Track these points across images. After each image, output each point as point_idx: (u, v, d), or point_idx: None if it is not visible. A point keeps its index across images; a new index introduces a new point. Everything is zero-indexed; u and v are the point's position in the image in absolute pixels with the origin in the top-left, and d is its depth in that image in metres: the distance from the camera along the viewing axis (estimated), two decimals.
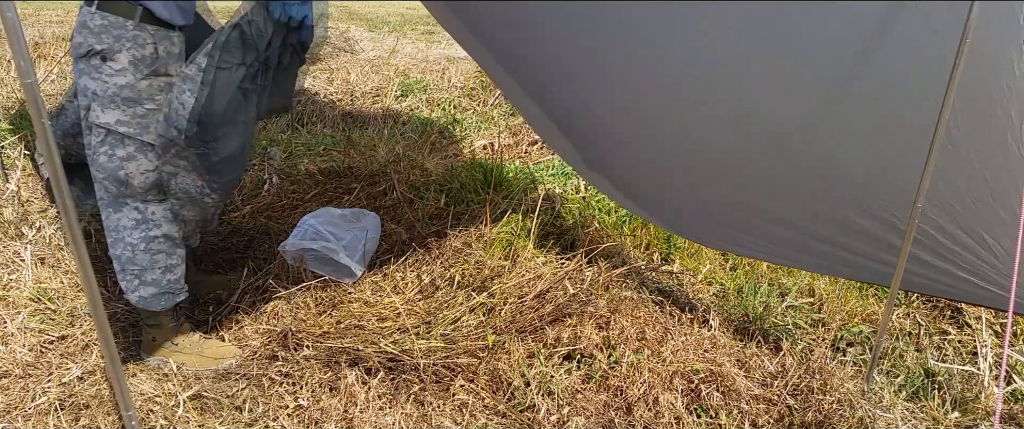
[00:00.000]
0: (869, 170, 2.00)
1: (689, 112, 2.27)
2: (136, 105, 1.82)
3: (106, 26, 1.78)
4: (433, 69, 6.44)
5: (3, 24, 1.09)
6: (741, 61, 2.00)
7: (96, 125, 1.83)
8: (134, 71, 1.80)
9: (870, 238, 2.14)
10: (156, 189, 1.91)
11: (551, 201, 3.39)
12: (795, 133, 2.07)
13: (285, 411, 1.85)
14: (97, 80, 1.80)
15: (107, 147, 1.84)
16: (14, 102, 4.31)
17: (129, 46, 1.79)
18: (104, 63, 1.79)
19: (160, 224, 1.95)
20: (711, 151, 2.32)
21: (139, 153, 1.85)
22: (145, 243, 1.93)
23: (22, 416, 1.78)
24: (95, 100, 1.81)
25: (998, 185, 1.82)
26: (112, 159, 1.84)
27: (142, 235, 1.92)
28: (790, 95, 1.99)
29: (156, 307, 1.98)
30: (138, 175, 1.87)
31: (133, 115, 1.82)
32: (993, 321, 2.53)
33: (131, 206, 1.91)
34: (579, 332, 2.19)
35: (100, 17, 1.78)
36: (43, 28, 7.60)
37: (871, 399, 1.99)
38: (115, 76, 1.79)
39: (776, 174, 2.21)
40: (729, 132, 2.21)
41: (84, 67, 1.81)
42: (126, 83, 1.80)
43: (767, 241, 2.41)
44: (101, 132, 1.83)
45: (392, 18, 10.94)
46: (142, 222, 1.92)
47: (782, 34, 1.87)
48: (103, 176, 1.87)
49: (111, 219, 1.92)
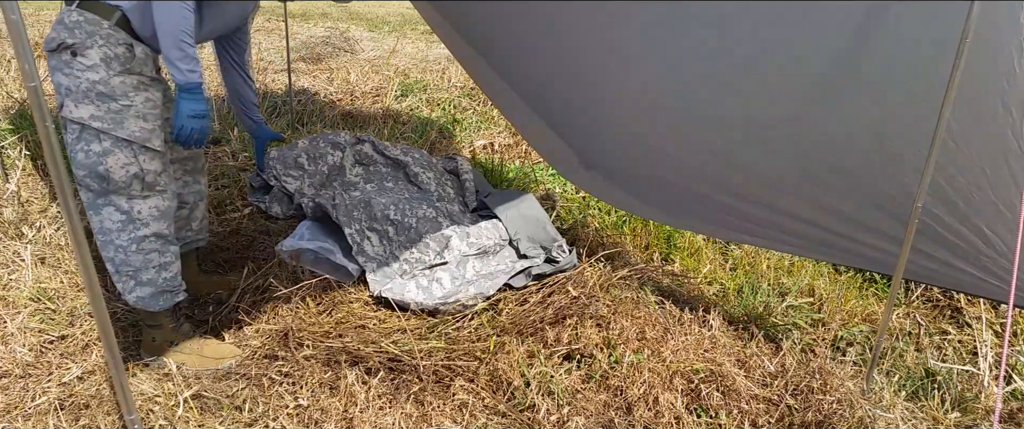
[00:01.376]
0: (870, 165, 2.01)
1: (690, 107, 2.28)
2: (110, 101, 1.81)
3: (80, 22, 1.78)
4: (433, 69, 6.44)
5: (7, 25, 1.09)
6: (744, 57, 2.01)
7: (70, 120, 1.82)
8: (106, 68, 1.80)
9: (871, 228, 2.15)
10: (139, 182, 1.89)
11: (551, 201, 3.39)
12: (798, 127, 2.08)
13: (285, 411, 1.85)
14: (68, 75, 1.80)
15: (83, 143, 1.83)
16: (14, 102, 4.31)
17: (102, 43, 1.79)
18: (74, 58, 1.78)
19: (147, 223, 1.93)
20: (713, 145, 2.33)
21: (116, 148, 1.84)
22: (136, 244, 1.91)
23: (22, 416, 1.78)
24: (68, 95, 1.80)
25: (998, 180, 1.83)
26: (89, 155, 1.83)
27: (130, 236, 1.91)
28: (794, 91, 1.99)
29: (155, 307, 1.98)
30: (118, 169, 1.85)
31: (107, 111, 1.81)
32: (993, 321, 2.53)
33: (113, 206, 1.89)
34: (579, 332, 2.19)
35: (77, 14, 1.79)
36: (43, 28, 7.60)
37: (871, 399, 1.99)
38: (86, 71, 1.79)
39: (778, 166, 2.22)
40: (731, 126, 2.21)
41: (55, 63, 1.81)
42: (99, 79, 1.79)
43: (767, 228, 2.41)
44: (76, 128, 1.82)
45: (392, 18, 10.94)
46: (128, 222, 1.90)
47: (785, 31, 1.88)
48: (83, 173, 1.85)
49: (95, 221, 1.90)
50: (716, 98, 2.16)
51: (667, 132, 2.43)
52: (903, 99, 1.82)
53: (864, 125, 1.93)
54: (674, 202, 2.71)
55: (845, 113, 1.94)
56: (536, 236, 2.69)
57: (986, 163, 1.82)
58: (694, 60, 2.12)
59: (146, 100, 1.87)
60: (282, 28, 8.10)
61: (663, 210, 2.83)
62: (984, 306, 2.55)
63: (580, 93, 2.56)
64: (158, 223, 1.95)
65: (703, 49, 2.07)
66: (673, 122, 2.38)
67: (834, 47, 1.82)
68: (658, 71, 2.24)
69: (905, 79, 1.78)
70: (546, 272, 2.56)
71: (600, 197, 3.15)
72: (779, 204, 2.29)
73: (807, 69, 1.91)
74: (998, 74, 1.64)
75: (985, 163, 1.82)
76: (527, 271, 2.54)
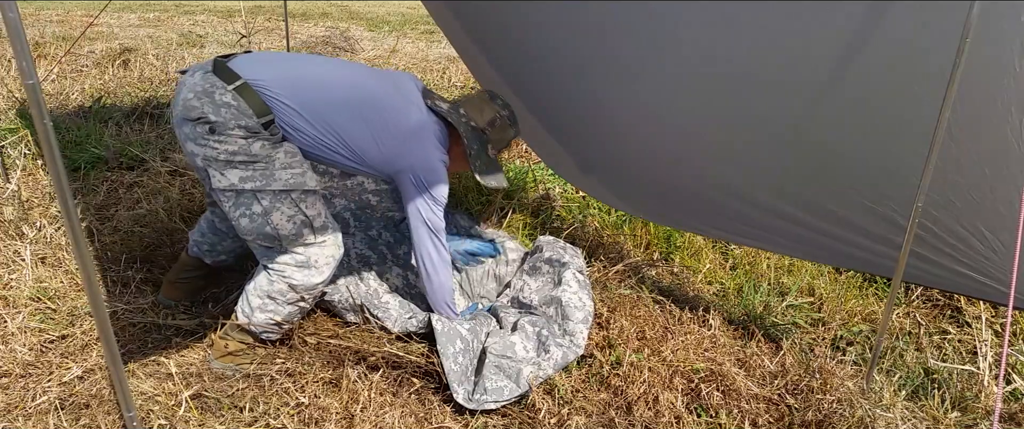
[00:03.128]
0: (869, 166, 2.01)
1: (689, 109, 2.28)
2: (254, 163, 1.79)
3: (231, 107, 1.75)
4: (433, 69, 6.44)
5: (5, 24, 1.09)
6: (742, 60, 2.00)
7: (221, 190, 1.78)
8: (245, 142, 1.78)
9: (870, 233, 2.15)
10: (309, 229, 1.87)
11: (551, 200, 3.39)
12: (797, 129, 2.08)
13: (286, 409, 1.85)
14: (204, 147, 1.76)
15: (243, 208, 1.80)
16: (14, 102, 4.31)
17: (244, 133, 1.77)
18: (212, 135, 1.75)
19: (322, 270, 1.91)
20: (711, 148, 2.33)
21: (277, 203, 1.81)
22: (304, 291, 1.92)
23: (22, 415, 1.78)
24: (210, 165, 1.77)
25: (997, 181, 1.83)
26: (253, 218, 1.81)
27: (305, 283, 1.90)
28: (792, 92, 1.99)
29: (257, 331, 1.98)
30: (284, 223, 1.83)
31: (254, 170, 1.78)
32: (993, 320, 2.53)
33: (290, 255, 1.88)
34: None
35: (231, 98, 1.75)
36: (43, 27, 7.61)
37: (871, 398, 1.99)
38: (224, 144, 1.76)
39: (776, 169, 2.22)
40: (731, 129, 2.21)
41: (190, 131, 1.77)
42: (236, 149, 1.77)
43: (766, 231, 2.41)
44: (230, 195, 1.79)
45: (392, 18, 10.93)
46: (305, 267, 1.89)
47: (784, 33, 1.87)
48: (252, 237, 1.84)
49: (265, 262, 1.90)
50: (715, 101, 2.16)
51: (665, 136, 2.43)
52: (903, 99, 1.82)
53: (864, 126, 1.93)
54: (673, 205, 2.71)
55: (845, 114, 1.94)
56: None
57: (986, 164, 1.82)
58: (691, 64, 2.12)
59: (286, 152, 1.85)
60: (282, 28, 8.10)
61: (662, 213, 2.83)
62: (984, 306, 2.55)
63: (577, 98, 2.56)
64: (332, 271, 1.95)
65: (701, 53, 2.07)
66: (671, 127, 2.38)
67: (833, 48, 1.82)
68: (656, 76, 2.24)
69: (905, 80, 1.78)
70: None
71: (599, 198, 3.15)
72: (778, 207, 2.29)
73: (806, 71, 1.91)
74: (998, 74, 1.64)
75: (985, 164, 1.82)
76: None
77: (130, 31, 8.05)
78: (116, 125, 4.09)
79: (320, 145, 1.91)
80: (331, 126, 1.89)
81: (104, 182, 3.25)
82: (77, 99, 4.56)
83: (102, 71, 5.45)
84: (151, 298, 2.33)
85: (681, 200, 2.64)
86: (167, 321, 2.21)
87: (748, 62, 1.99)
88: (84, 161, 3.43)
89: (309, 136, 1.89)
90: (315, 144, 1.90)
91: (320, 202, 1.92)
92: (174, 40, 7.41)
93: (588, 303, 2.22)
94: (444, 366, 1.89)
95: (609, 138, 2.66)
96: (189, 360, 2.05)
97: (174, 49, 6.78)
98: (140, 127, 4.13)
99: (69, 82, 4.97)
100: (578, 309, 2.16)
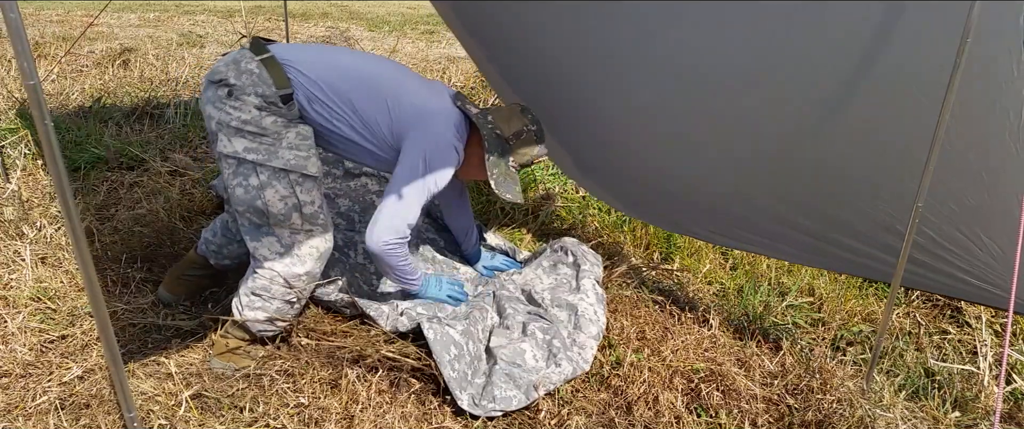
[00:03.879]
0: (868, 170, 2.01)
1: (686, 115, 2.27)
2: (262, 136, 1.82)
3: (253, 74, 1.80)
4: (433, 69, 6.43)
5: (6, 24, 1.09)
6: (741, 63, 2.00)
7: (225, 156, 1.81)
8: (258, 112, 1.81)
9: (868, 238, 2.14)
10: (298, 215, 1.87)
11: (551, 200, 3.39)
12: (794, 135, 2.08)
13: (286, 409, 1.85)
14: (220, 110, 1.81)
15: (241, 177, 1.82)
16: (14, 102, 4.31)
17: (261, 101, 1.81)
18: (229, 98, 1.80)
19: (304, 260, 1.91)
20: (711, 153, 2.33)
21: (273, 180, 1.83)
22: (288, 279, 1.91)
23: (23, 415, 1.78)
24: (220, 129, 1.81)
25: (996, 184, 1.82)
26: (248, 190, 1.82)
27: (286, 271, 1.90)
28: (791, 95, 1.99)
29: (256, 329, 1.99)
30: (276, 202, 1.84)
31: (260, 143, 1.81)
32: (993, 320, 2.53)
33: (275, 237, 1.88)
34: None
35: (257, 67, 1.81)
36: (43, 27, 7.60)
37: (871, 398, 1.99)
38: (238, 111, 1.80)
39: (773, 175, 2.21)
40: (730, 133, 2.21)
41: (211, 95, 1.82)
42: (249, 119, 1.80)
43: (764, 237, 2.41)
44: (232, 163, 1.82)
45: (392, 18, 10.93)
46: (285, 255, 1.89)
47: (784, 36, 1.87)
48: (243, 208, 1.85)
49: (251, 246, 1.91)
50: (714, 106, 2.15)
51: (664, 140, 2.42)
52: (902, 100, 1.82)
53: (864, 128, 1.93)
54: (672, 209, 2.71)
55: (844, 117, 1.93)
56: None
57: (984, 166, 1.82)
58: (688, 69, 2.12)
59: (297, 134, 1.87)
60: (282, 28, 8.10)
61: (661, 215, 2.83)
62: (984, 306, 2.55)
63: (576, 102, 2.55)
64: (315, 263, 1.95)
65: (698, 58, 2.06)
66: (668, 132, 2.37)
67: (832, 50, 1.81)
68: (652, 81, 2.24)
69: (905, 81, 1.78)
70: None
71: (599, 198, 3.15)
72: (778, 212, 2.28)
73: (805, 73, 1.91)
74: (998, 76, 1.63)
75: (982, 166, 1.82)
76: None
77: (130, 31, 8.05)
78: (116, 125, 4.09)
79: (333, 118, 1.94)
80: (346, 97, 1.93)
81: (104, 182, 3.25)
82: (77, 99, 4.56)
83: (102, 71, 5.45)
84: (151, 298, 2.33)
85: (681, 205, 2.64)
86: (167, 321, 2.21)
87: (746, 67, 1.99)
88: (84, 161, 3.44)
89: (323, 107, 1.92)
90: (329, 116, 1.93)
91: (317, 191, 1.91)
92: (174, 40, 7.40)
93: (602, 318, 2.21)
94: (442, 373, 1.89)
95: (608, 142, 2.66)
96: (189, 360, 2.05)
97: (174, 49, 6.77)
98: (140, 127, 4.13)
99: (69, 82, 4.97)
100: (593, 323, 2.16)
